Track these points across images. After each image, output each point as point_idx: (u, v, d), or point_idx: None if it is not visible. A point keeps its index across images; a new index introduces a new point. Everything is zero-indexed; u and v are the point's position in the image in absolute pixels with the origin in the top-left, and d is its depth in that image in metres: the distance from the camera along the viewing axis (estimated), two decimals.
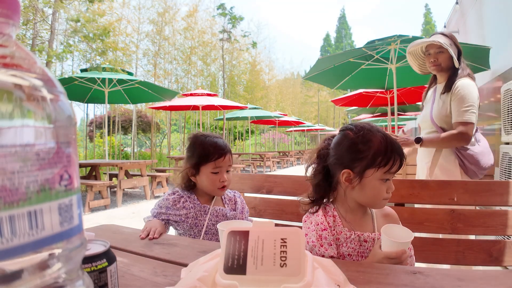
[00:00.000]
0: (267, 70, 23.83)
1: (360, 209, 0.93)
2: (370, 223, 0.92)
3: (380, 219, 0.94)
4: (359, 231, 0.90)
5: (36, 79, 0.28)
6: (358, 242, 0.89)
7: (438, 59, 1.74)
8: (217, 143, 1.16)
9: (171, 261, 0.74)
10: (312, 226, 0.92)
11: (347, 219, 0.92)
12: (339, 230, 0.90)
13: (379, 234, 0.87)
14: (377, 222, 0.92)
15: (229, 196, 1.25)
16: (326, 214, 0.93)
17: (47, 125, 0.28)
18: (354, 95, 7.63)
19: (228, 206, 1.21)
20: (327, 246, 0.88)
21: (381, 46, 4.10)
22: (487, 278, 0.62)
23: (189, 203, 1.15)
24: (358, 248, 0.89)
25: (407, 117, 14.55)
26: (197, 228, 1.13)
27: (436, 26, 52.54)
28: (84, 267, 0.46)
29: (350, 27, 74.82)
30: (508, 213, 1.12)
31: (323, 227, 0.90)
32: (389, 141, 0.87)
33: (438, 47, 1.73)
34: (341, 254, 0.89)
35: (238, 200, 1.24)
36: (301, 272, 0.38)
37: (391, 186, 0.88)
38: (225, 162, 1.15)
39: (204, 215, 1.14)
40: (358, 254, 0.89)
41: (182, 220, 1.12)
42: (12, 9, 0.29)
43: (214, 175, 1.14)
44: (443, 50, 1.72)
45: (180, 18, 14.24)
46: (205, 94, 8.77)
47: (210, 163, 1.14)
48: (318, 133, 23.54)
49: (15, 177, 0.25)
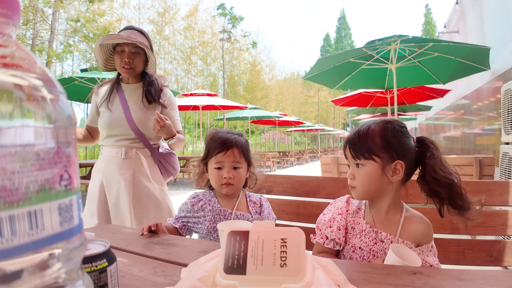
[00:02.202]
0: (267, 70, 23.85)
1: (390, 209, 0.92)
2: (395, 226, 0.90)
3: (409, 225, 0.90)
4: (381, 230, 0.89)
5: (36, 79, 0.28)
6: (374, 239, 0.89)
7: (134, 60, 1.55)
8: (222, 138, 1.12)
9: (171, 261, 0.74)
10: (332, 207, 1.00)
11: (373, 214, 0.93)
12: (357, 221, 0.93)
13: (401, 240, 0.86)
14: (402, 228, 0.89)
15: (254, 199, 1.19)
16: (350, 202, 0.97)
17: (47, 125, 0.28)
18: (354, 95, 7.64)
19: (252, 210, 1.16)
20: (335, 229, 0.93)
21: (381, 46, 4.10)
22: (487, 278, 0.62)
23: (207, 206, 1.12)
24: (372, 245, 0.89)
25: (407, 117, 14.56)
26: (215, 233, 1.09)
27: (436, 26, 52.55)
28: (84, 267, 0.46)
29: (350, 27, 74.84)
30: (508, 213, 1.12)
31: (339, 212, 0.96)
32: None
33: (135, 47, 1.54)
34: (352, 245, 0.91)
35: (264, 204, 1.18)
36: (301, 272, 0.38)
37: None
38: (227, 157, 1.10)
39: (224, 219, 1.10)
40: (370, 251, 0.89)
41: (200, 223, 1.10)
42: (12, 9, 0.29)
43: (217, 171, 1.11)
44: (140, 52, 1.55)
45: (180, 18, 14.25)
46: (205, 94, 8.78)
47: (212, 158, 1.12)
48: (318, 133, 23.53)
49: (15, 177, 0.25)
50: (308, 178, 1.38)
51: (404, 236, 0.88)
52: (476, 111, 5.53)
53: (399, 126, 0.90)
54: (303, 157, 17.14)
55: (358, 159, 0.89)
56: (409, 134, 0.91)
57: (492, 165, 2.73)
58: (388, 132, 0.88)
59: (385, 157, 0.87)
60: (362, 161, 0.89)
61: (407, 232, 0.88)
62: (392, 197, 0.91)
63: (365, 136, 0.89)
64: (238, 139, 1.14)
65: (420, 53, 4.31)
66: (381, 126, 0.89)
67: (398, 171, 0.87)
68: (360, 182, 0.89)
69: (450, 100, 7.61)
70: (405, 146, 0.89)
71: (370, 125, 0.91)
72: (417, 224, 0.90)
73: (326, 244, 0.94)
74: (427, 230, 0.91)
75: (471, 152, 5.77)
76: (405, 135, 0.90)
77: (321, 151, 22.57)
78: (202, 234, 1.11)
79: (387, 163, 0.87)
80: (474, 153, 5.28)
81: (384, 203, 0.91)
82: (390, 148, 0.87)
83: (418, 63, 4.61)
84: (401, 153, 0.87)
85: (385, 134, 0.88)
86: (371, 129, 0.89)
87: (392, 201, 0.91)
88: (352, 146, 0.91)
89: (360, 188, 0.89)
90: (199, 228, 1.11)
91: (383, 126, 0.89)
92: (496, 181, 1.20)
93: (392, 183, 0.89)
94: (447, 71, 4.63)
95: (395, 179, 0.88)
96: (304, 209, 1.34)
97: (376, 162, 0.87)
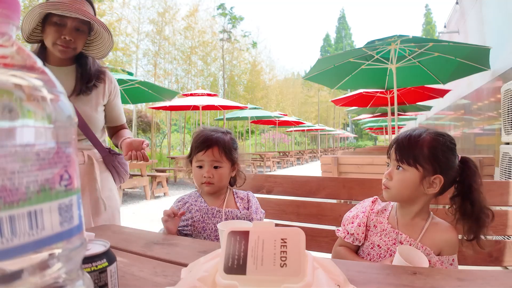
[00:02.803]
0: (267, 70, 23.85)
1: (417, 216, 0.92)
2: (418, 231, 0.90)
3: (433, 232, 0.90)
4: (402, 232, 0.90)
5: (36, 79, 0.28)
6: (394, 239, 0.90)
7: (76, 40, 1.17)
8: (204, 136, 1.11)
9: (171, 261, 0.74)
10: (359, 205, 1.05)
11: (398, 217, 0.94)
12: (380, 220, 0.96)
13: (420, 245, 0.87)
14: (425, 234, 0.89)
15: (241, 195, 1.20)
16: (377, 203, 1.02)
17: (47, 125, 0.28)
18: (354, 95, 7.64)
19: (240, 205, 1.16)
20: (356, 225, 0.98)
21: (381, 46, 4.10)
22: (487, 278, 0.62)
23: (193, 207, 1.12)
24: (391, 245, 0.90)
25: (407, 117, 14.56)
26: (205, 232, 1.10)
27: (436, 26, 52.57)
28: (84, 267, 0.46)
29: (350, 27, 74.82)
30: (508, 213, 1.12)
31: (363, 210, 1.00)
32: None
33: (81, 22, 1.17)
34: (372, 242, 0.95)
35: (252, 200, 1.19)
36: (301, 272, 0.38)
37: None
38: (207, 156, 1.09)
39: (212, 217, 1.10)
40: (387, 250, 0.91)
41: (189, 225, 1.10)
42: (12, 9, 0.29)
43: (198, 169, 1.11)
44: (85, 29, 1.20)
45: (180, 18, 14.25)
46: (205, 94, 8.77)
47: (194, 157, 1.12)
48: (318, 133, 23.52)
49: (15, 177, 0.25)
50: (308, 178, 1.38)
51: (426, 242, 0.88)
52: (476, 111, 5.53)
53: (450, 142, 0.90)
54: (303, 157, 17.14)
55: (401, 163, 0.89)
56: (456, 153, 0.91)
57: (492, 165, 2.73)
58: (439, 145, 0.88)
59: (427, 168, 0.87)
60: (404, 166, 0.89)
61: (430, 239, 0.88)
62: (421, 206, 0.91)
63: (415, 143, 0.89)
64: (220, 138, 1.12)
65: (420, 53, 4.31)
66: (433, 138, 0.89)
67: (435, 185, 0.88)
68: (396, 185, 0.90)
69: (450, 100, 7.61)
70: (450, 163, 0.89)
71: (422, 133, 0.91)
72: (442, 232, 0.90)
73: (346, 239, 0.98)
74: (452, 240, 0.89)
75: (471, 152, 5.77)
76: (453, 153, 0.90)
77: (321, 151, 22.56)
78: (194, 236, 1.11)
79: (427, 174, 0.87)
80: (474, 153, 5.27)
81: (412, 210, 0.92)
82: (436, 162, 0.87)
83: (418, 63, 4.61)
84: (444, 169, 0.87)
85: (435, 146, 0.88)
86: (422, 138, 0.89)
87: (420, 209, 0.92)
88: (399, 148, 0.91)
89: (394, 191, 0.90)
90: (190, 230, 1.11)
91: (435, 138, 0.89)
92: (496, 181, 1.20)
93: (425, 195, 0.89)
94: (447, 71, 4.63)
95: (430, 191, 0.88)
96: (304, 209, 1.34)
97: (418, 170, 0.87)
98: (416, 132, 0.91)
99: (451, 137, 0.91)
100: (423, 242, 0.88)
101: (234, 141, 1.18)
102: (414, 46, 4.15)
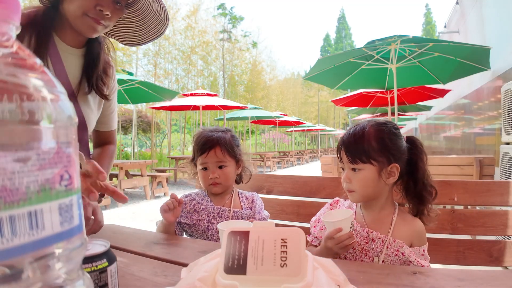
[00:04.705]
0: (268, 70, 23.86)
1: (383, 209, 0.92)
2: (387, 225, 0.90)
3: (402, 225, 0.90)
4: (372, 229, 0.90)
5: (36, 79, 0.28)
6: (366, 238, 0.89)
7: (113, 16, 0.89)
8: (204, 138, 1.11)
9: (171, 261, 0.74)
10: (322, 207, 1.04)
11: (365, 215, 0.93)
12: None
13: (392, 239, 0.87)
14: (395, 228, 0.89)
15: (246, 195, 1.20)
16: (340, 203, 1.01)
17: (47, 125, 0.28)
18: (354, 95, 7.64)
19: (245, 205, 1.16)
20: (318, 229, 0.98)
21: (381, 46, 4.10)
22: (487, 278, 0.62)
23: (200, 205, 1.11)
24: (364, 244, 0.89)
25: (407, 117, 14.56)
26: (209, 232, 1.10)
27: (436, 26, 52.55)
28: (84, 267, 0.46)
29: (350, 27, 74.82)
30: (508, 213, 1.12)
31: (323, 212, 1.00)
32: None
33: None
34: None
35: (256, 200, 1.19)
36: (301, 272, 0.38)
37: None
38: (210, 158, 1.09)
39: (218, 217, 1.10)
40: (362, 250, 0.89)
41: (193, 223, 1.10)
42: (12, 9, 0.29)
43: (203, 172, 1.11)
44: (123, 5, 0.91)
45: (181, 17, 14.25)
46: (206, 94, 8.78)
47: (198, 159, 1.12)
48: (318, 133, 23.53)
49: (15, 177, 0.25)
50: (308, 178, 1.38)
51: (397, 235, 0.88)
52: (476, 111, 5.53)
53: (394, 128, 0.90)
54: (303, 157, 17.14)
55: (355, 163, 0.88)
56: (401, 135, 0.92)
57: (492, 165, 2.73)
58: (385, 135, 0.88)
59: (382, 161, 0.87)
60: (359, 165, 0.87)
61: (400, 232, 0.88)
62: (385, 198, 0.91)
63: (361, 139, 0.88)
64: (221, 137, 1.11)
65: (420, 53, 4.31)
66: (377, 129, 0.88)
67: (394, 174, 0.88)
68: (358, 186, 0.88)
69: (450, 100, 7.61)
70: (400, 148, 0.89)
71: (365, 127, 0.90)
72: (410, 225, 0.90)
73: (313, 242, 0.98)
74: (420, 231, 0.90)
75: (471, 152, 5.77)
76: (399, 137, 0.90)
77: (321, 151, 22.57)
78: (197, 234, 1.11)
79: (383, 166, 0.87)
80: (475, 153, 5.28)
81: (377, 204, 0.92)
82: (387, 152, 0.87)
83: (418, 63, 4.61)
84: (397, 156, 0.88)
85: (382, 137, 0.87)
86: (367, 132, 0.88)
87: (385, 201, 0.92)
88: (348, 149, 0.90)
89: (359, 192, 0.89)
90: (193, 228, 1.11)
91: (379, 128, 0.88)
92: (496, 181, 1.20)
93: (387, 185, 0.89)
94: (447, 71, 4.63)
95: (390, 181, 0.88)
96: (304, 209, 1.34)
97: (374, 165, 0.87)
98: (358, 128, 0.91)
99: (392, 123, 0.92)
100: (395, 236, 0.87)
101: (235, 138, 1.18)
102: (414, 46, 4.16)
